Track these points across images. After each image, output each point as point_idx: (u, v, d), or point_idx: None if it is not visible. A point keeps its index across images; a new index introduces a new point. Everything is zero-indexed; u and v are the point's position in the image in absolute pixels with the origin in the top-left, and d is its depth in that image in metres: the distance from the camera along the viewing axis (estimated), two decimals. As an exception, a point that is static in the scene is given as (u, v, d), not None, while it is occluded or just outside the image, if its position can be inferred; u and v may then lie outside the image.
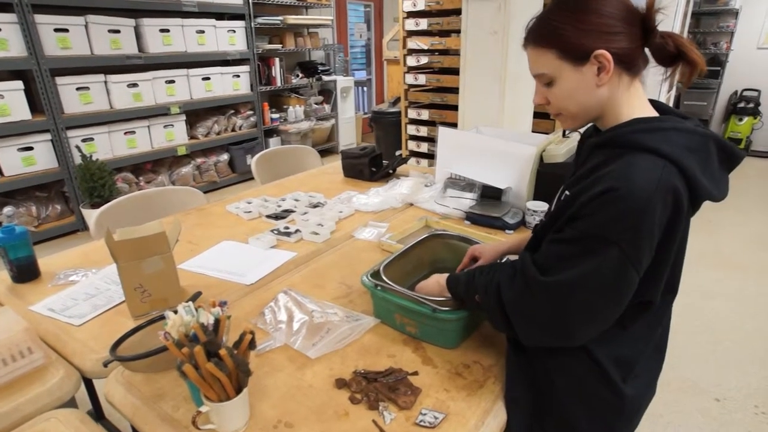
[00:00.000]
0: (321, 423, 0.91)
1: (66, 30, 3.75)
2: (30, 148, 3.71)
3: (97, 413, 1.75)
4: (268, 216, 1.91)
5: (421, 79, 4.15)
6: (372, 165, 2.37)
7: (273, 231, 1.76)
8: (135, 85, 4.27)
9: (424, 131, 4.30)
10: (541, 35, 0.89)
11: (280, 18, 5.48)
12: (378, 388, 0.98)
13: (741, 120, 6.25)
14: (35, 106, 3.74)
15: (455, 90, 2.95)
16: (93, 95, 4.03)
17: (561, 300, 0.85)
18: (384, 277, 1.16)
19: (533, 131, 3.04)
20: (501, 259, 1.25)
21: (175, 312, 0.93)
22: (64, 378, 1.04)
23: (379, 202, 2.02)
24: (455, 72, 3.07)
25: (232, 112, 5.31)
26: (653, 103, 0.92)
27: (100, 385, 1.05)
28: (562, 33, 0.85)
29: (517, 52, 2.51)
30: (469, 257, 1.28)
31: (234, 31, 5.06)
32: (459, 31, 2.71)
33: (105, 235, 1.16)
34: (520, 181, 1.86)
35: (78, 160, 3.81)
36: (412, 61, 4.16)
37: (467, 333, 1.17)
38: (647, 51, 0.88)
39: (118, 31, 4.09)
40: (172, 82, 4.58)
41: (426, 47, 4.05)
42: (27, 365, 1.04)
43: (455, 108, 2.96)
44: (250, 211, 1.94)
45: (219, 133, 5.17)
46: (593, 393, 0.95)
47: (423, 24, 3.96)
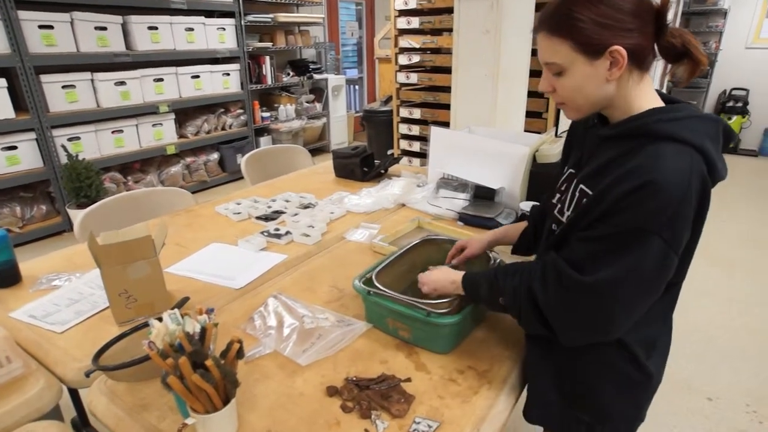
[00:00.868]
0: (312, 434, 0.88)
1: (51, 27, 3.68)
2: (14, 147, 3.64)
3: (82, 421, 1.70)
4: (258, 217, 1.88)
5: (413, 78, 4.12)
6: (363, 165, 2.34)
7: (263, 233, 1.72)
8: (123, 84, 4.20)
9: (416, 130, 4.28)
10: (558, 24, 0.86)
11: (270, 16, 5.43)
12: (370, 395, 0.95)
13: (730, 119, 6.30)
14: (19, 104, 3.66)
15: (447, 89, 2.92)
16: (79, 93, 3.96)
17: (605, 298, 0.85)
18: (377, 283, 1.14)
19: (526, 131, 3.02)
20: (491, 251, 1.30)
21: (160, 320, 0.89)
22: (44, 388, 1.00)
23: (371, 202, 1.99)
24: (447, 71, 3.05)
25: (222, 110, 5.25)
26: (658, 94, 0.93)
27: (85, 392, 1.02)
28: (581, 26, 0.84)
29: (510, 51, 2.50)
30: (457, 249, 1.31)
31: (224, 29, 5.00)
32: (451, 30, 2.69)
33: (88, 239, 1.13)
34: (513, 182, 1.84)
35: (64, 159, 3.75)
36: (404, 60, 4.14)
37: (461, 337, 1.15)
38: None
39: (105, 29, 4.02)
40: (160, 80, 4.51)
41: (418, 46, 4.02)
42: (5, 375, 1.00)
43: (447, 107, 2.94)
44: (239, 213, 1.90)
45: (209, 132, 5.12)
46: (623, 374, 0.99)
47: (415, 22, 3.93)
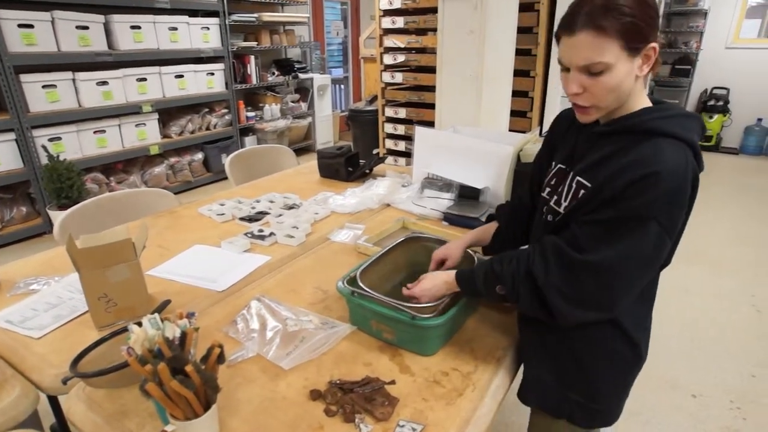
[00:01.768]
0: (294, 438, 0.87)
1: (31, 26, 3.61)
2: (-7, 148, 3.57)
3: (62, 428, 1.67)
4: (241, 218, 1.86)
5: (398, 78, 4.12)
6: (348, 165, 2.33)
7: (247, 234, 1.71)
8: (105, 83, 4.15)
9: (401, 129, 4.28)
10: (609, 22, 0.85)
11: (255, 15, 5.39)
12: (354, 399, 0.94)
13: (711, 117, 6.37)
14: (-2, 104, 3.61)
15: (432, 88, 2.92)
16: (60, 93, 3.90)
17: (606, 276, 0.90)
18: (361, 284, 1.13)
19: (510, 130, 3.03)
20: (474, 253, 1.30)
21: (140, 325, 0.88)
22: (20, 396, 0.98)
23: (356, 203, 1.98)
24: (432, 70, 3.04)
25: (206, 110, 5.20)
26: None
27: (64, 398, 0.99)
28: (634, 23, 0.85)
29: (494, 51, 2.50)
30: (436, 262, 1.29)
31: (208, 29, 4.95)
32: (436, 30, 2.68)
33: (67, 242, 1.11)
34: (497, 181, 1.85)
35: (44, 160, 3.69)
36: (389, 59, 4.13)
37: (446, 339, 1.15)
38: None
39: (86, 28, 3.96)
40: (143, 80, 4.46)
41: (403, 45, 4.01)
42: (-20, 383, 0.98)
43: (432, 106, 2.94)
44: (223, 214, 1.88)
45: (193, 132, 5.07)
46: (616, 352, 1.04)
47: (399, 22, 3.92)
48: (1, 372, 1.01)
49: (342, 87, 8.06)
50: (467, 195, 1.90)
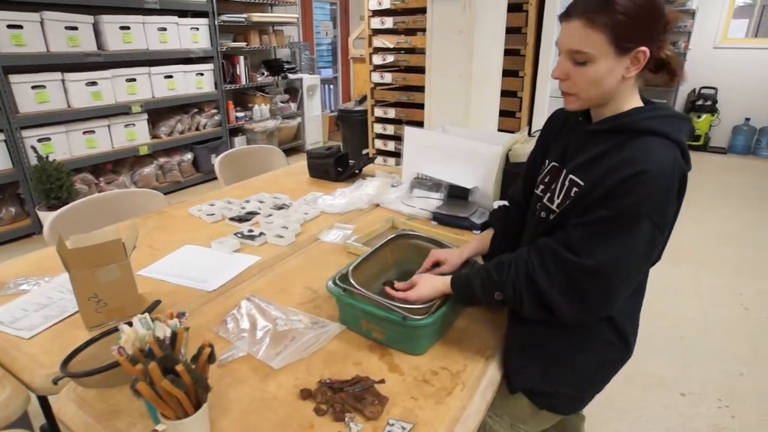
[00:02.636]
0: (285, 436, 0.88)
1: (20, 27, 3.60)
2: (-19, 149, 3.55)
3: (52, 428, 1.67)
4: (231, 219, 1.86)
5: (387, 78, 4.13)
6: (338, 165, 2.34)
7: (236, 234, 1.71)
8: (94, 84, 4.13)
9: (390, 129, 4.29)
10: (600, 16, 0.88)
11: (244, 15, 5.38)
12: (344, 398, 0.95)
13: (699, 117, 6.43)
14: (-14, 105, 3.58)
15: (422, 88, 2.93)
16: (49, 94, 3.87)
17: (605, 277, 0.92)
18: (353, 282, 1.14)
19: (499, 130, 3.04)
20: (472, 263, 1.29)
21: (131, 325, 0.88)
22: (10, 396, 0.98)
23: (345, 203, 1.99)
24: (421, 71, 3.06)
25: (195, 110, 5.19)
26: None
27: (55, 398, 1.00)
28: (625, 22, 0.87)
29: (483, 51, 2.52)
30: (431, 262, 1.29)
31: (197, 29, 4.94)
32: (425, 30, 2.69)
33: (57, 243, 1.11)
34: (486, 181, 1.86)
35: (34, 160, 3.67)
36: (378, 60, 4.14)
37: (435, 338, 1.16)
38: None
39: (75, 28, 3.94)
40: (133, 80, 4.44)
41: (392, 45, 4.03)
42: (-30, 384, 0.98)
43: (422, 106, 2.95)
44: (213, 214, 1.89)
45: (182, 132, 5.05)
46: (609, 343, 1.08)
47: (388, 22, 3.93)
48: (-9, 373, 1.01)
49: (331, 87, 8.06)
50: (456, 195, 1.91)
